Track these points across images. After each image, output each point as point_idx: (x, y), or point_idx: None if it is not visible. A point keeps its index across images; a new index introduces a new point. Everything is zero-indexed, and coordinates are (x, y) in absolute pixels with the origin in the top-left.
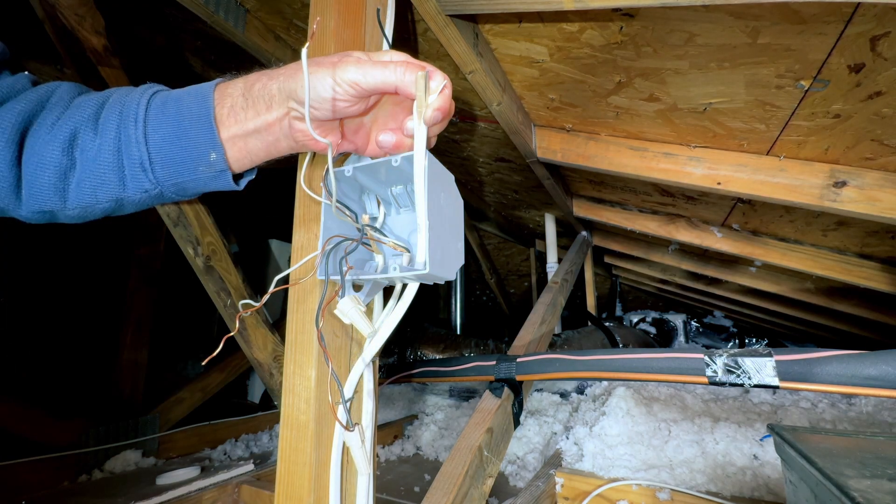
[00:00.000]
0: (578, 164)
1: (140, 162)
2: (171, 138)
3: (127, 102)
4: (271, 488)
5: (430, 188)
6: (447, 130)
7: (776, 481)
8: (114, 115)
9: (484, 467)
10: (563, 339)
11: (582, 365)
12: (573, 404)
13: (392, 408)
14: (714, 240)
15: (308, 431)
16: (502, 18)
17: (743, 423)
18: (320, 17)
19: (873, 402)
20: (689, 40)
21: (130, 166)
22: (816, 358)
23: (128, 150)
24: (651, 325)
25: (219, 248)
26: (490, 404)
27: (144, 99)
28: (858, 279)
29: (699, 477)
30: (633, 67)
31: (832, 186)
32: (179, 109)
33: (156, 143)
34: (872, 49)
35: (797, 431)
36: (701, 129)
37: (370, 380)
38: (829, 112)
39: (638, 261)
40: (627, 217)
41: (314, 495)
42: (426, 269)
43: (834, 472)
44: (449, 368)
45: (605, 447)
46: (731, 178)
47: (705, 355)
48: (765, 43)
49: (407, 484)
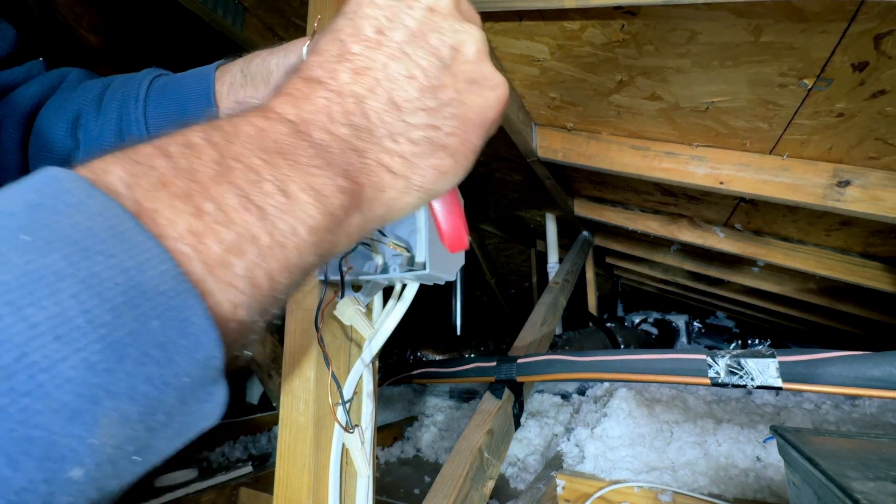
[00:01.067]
0: (579, 163)
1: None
2: (171, 116)
3: (129, 84)
4: (270, 490)
5: None
6: None
7: (779, 483)
8: (116, 96)
9: (484, 469)
10: (565, 340)
11: (583, 366)
12: (574, 406)
13: (391, 409)
14: (716, 240)
15: (307, 433)
16: (503, 17)
17: (746, 424)
18: (321, 16)
19: (877, 403)
20: (691, 38)
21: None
22: (820, 359)
23: (128, 129)
24: (653, 326)
25: None
26: (490, 406)
27: (147, 80)
28: (862, 279)
29: (701, 479)
30: (635, 66)
31: (835, 186)
32: (180, 89)
33: (155, 122)
34: (876, 47)
35: (800, 433)
36: (703, 128)
37: (370, 381)
38: (833, 111)
39: (640, 261)
40: (629, 217)
41: (313, 497)
42: (426, 269)
43: (837, 475)
44: (449, 369)
45: (606, 449)
46: (733, 178)
47: (707, 356)
48: (767, 41)
49: (407, 486)
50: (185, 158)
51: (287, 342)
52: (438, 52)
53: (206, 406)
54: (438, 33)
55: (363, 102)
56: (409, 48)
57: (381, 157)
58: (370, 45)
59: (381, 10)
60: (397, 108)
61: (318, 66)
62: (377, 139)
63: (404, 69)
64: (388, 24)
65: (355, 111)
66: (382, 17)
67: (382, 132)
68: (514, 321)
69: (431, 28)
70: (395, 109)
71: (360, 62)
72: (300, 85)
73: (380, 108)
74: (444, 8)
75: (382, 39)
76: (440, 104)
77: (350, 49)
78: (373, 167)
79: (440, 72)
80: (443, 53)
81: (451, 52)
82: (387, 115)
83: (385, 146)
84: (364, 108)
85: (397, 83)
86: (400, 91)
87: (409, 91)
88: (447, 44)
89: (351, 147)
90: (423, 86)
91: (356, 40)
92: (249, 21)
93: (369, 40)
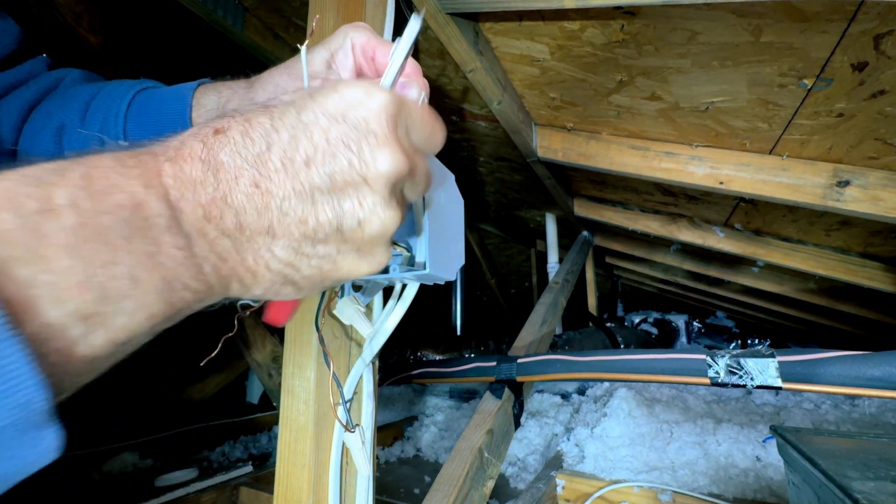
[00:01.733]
0: (579, 163)
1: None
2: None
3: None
4: (270, 490)
5: (431, 187)
6: (447, 130)
7: (779, 483)
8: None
9: (484, 469)
10: (565, 340)
11: (583, 366)
12: (574, 405)
13: (392, 409)
14: (716, 240)
15: (307, 433)
16: (503, 17)
17: (745, 424)
18: (319, 15)
19: (877, 403)
20: (690, 38)
21: None
22: (819, 359)
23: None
24: (653, 326)
25: None
26: (490, 405)
27: (129, 94)
28: (861, 279)
29: (701, 479)
30: (635, 66)
31: (835, 186)
32: (160, 106)
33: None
34: (876, 47)
35: (800, 433)
36: (703, 128)
37: (370, 381)
38: (832, 111)
39: (640, 261)
40: (629, 217)
41: (313, 497)
42: (426, 269)
43: (837, 474)
44: (449, 369)
45: (606, 449)
46: (733, 178)
47: (707, 356)
48: (767, 41)
49: (407, 486)
50: (41, 218)
51: (287, 342)
52: (343, 217)
53: (30, 451)
54: (356, 202)
55: (244, 217)
56: (320, 196)
57: (236, 269)
58: (290, 170)
59: (326, 142)
60: (273, 237)
61: (232, 151)
62: (240, 254)
63: (301, 211)
64: (319, 162)
65: (233, 223)
66: (321, 151)
67: (247, 252)
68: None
69: (354, 194)
70: (270, 237)
71: (267, 182)
72: (197, 165)
73: (256, 230)
74: (380, 187)
75: (302, 173)
76: (313, 254)
77: (269, 159)
78: (226, 275)
79: (332, 231)
80: (346, 221)
81: (354, 224)
82: (259, 238)
83: (245, 263)
84: (242, 223)
85: (286, 218)
86: (283, 226)
87: (292, 230)
88: (356, 216)
89: (214, 251)
90: (308, 234)
91: (281, 155)
92: (250, 21)
93: (293, 165)
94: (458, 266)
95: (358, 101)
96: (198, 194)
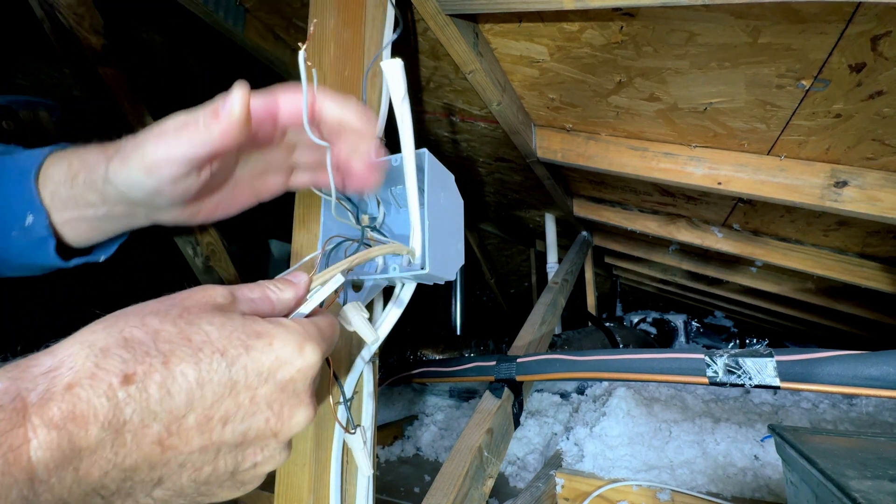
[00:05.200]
0: (578, 163)
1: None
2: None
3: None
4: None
5: (430, 188)
6: (447, 130)
7: (777, 482)
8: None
9: (484, 468)
10: (564, 340)
11: (582, 365)
12: (573, 405)
13: (392, 408)
14: (715, 240)
15: (308, 432)
16: (502, 18)
17: (744, 423)
18: (317, 19)
19: (874, 402)
20: (689, 40)
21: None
22: (817, 358)
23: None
24: (651, 326)
25: (218, 248)
26: (490, 405)
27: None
28: (859, 279)
29: (700, 478)
30: (634, 67)
31: (833, 186)
32: (5, 164)
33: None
34: (873, 49)
35: (798, 432)
36: (701, 128)
37: (370, 380)
38: (830, 112)
39: (638, 261)
40: (628, 217)
41: (314, 496)
42: (426, 269)
43: (835, 473)
44: (449, 369)
45: (605, 448)
46: (731, 178)
47: (706, 355)
48: (765, 42)
49: (407, 485)
50: None
51: None
52: (241, 464)
53: None
54: (258, 449)
55: (132, 475)
56: (226, 450)
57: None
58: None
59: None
60: (158, 485)
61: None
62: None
63: (201, 463)
64: (238, 420)
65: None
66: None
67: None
68: (514, 321)
69: (259, 444)
70: (154, 485)
71: (175, 439)
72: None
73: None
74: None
75: (216, 431)
76: (194, 491)
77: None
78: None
79: (226, 477)
80: (242, 467)
81: (249, 466)
82: (141, 487)
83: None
84: (126, 479)
85: (182, 469)
86: (175, 477)
87: (182, 480)
88: (254, 460)
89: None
90: (199, 480)
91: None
92: (250, 22)
93: (208, 424)
94: (458, 266)
95: (288, 359)
96: (80, 469)
